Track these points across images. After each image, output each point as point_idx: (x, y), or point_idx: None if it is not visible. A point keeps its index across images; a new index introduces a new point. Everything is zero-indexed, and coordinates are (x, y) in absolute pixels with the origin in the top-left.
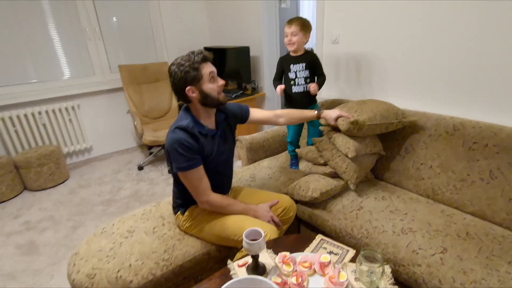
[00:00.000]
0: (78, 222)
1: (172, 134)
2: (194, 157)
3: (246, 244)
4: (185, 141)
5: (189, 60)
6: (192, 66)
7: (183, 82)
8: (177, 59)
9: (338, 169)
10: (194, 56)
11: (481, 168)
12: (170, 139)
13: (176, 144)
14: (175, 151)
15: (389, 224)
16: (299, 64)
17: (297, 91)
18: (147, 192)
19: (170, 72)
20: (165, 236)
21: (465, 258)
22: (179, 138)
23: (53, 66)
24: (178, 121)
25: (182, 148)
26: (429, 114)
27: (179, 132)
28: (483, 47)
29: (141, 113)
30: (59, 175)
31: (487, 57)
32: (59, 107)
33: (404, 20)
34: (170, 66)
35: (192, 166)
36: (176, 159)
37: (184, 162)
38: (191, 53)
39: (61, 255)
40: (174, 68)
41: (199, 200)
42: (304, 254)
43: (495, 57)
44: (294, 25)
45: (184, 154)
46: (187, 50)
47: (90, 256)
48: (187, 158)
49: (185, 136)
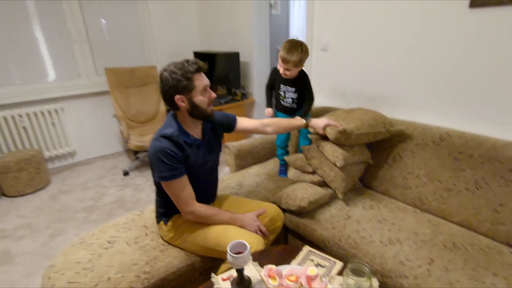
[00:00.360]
0: (57, 230)
1: (156, 142)
2: (178, 166)
3: (231, 258)
4: (169, 150)
5: (182, 69)
6: (185, 75)
7: (174, 90)
8: (169, 65)
9: (326, 177)
10: (189, 65)
11: (467, 178)
12: (153, 147)
13: (160, 152)
14: (158, 160)
15: (377, 234)
16: (289, 87)
17: (284, 105)
18: (132, 198)
19: (161, 78)
20: (148, 246)
21: (451, 269)
22: (163, 147)
23: (37, 67)
24: (163, 128)
25: (165, 157)
26: (416, 124)
27: (163, 140)
28: (470, 60)
29: (128, 117)
30: (40, 181)
31: (474, 70)
32: (41, 109)
33: (394, 30)
34: (162, 71)
35: (176, 176)
36: (159, 168)
37: (167, 172)
38: (185, 62)
39: (38, 265)
40: (166, 75)
41: (183, 210)
42: (290, 267)
43: (482, 71)
44: (290, 63)
45: (167, 163)
46: (177, 54)
47: (66, 269)
48: (171, 167)
49: (169, 144)
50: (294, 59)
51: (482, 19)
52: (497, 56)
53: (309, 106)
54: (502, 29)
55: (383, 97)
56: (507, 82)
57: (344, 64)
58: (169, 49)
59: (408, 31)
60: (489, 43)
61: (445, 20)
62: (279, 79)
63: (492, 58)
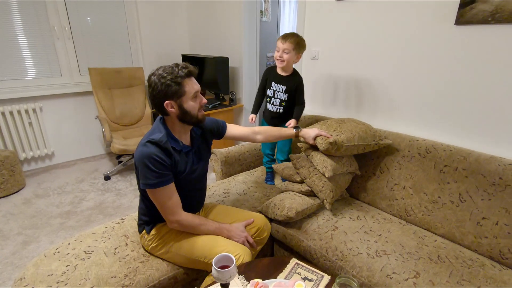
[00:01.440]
0: (30, 237)
1: (143, 147)
2: (165, 173)
3: (216, 272)
4: (156, 156)
5: (172, 73)
6: (175, 80)
7: (163, 95)
8: (158, 69)
9: (315, 187)
10: (178, 69)
11: (451, 191)
12: (140, 153)
13: (147, 159)
14: (145, 167)
15: (364, 246)
16: (280, 85)
17: (270, 109)
18: (113, 204)
19: (149, 82)
20: (128, 257)
21: (437, 283)
22: (149, 153)
23: (15, 64)
24: (151, 133)
25: (153, 164)
26: (402, 136)
27: (150, 146)
28: (456, 75)
29: (111, 119)
30: (13, 183)
31: (460, 85)
32: (18, 108)
33: (382, 43)
34: (150, 76)
35: (162, 184)
36: (145, 175)
37: (154, 179)
38: (175, 66)
39: (7, 276)
40: (155, 79)
41: (169, 219)
42: (277, 281)
43: (467, 85)
44: (288, 42)
45: (154, 170)
46: (165, 56)
47: (37, 282)
48: (158, 174)
49: (156, 150)
50: (292, 40)
51: (467, 36)
52: (481, 72)
53: (300, 111)
54: (486, 46)
55: (371, 107)
56: (492, 97)
57: (333, 73)
58: (157, 51)
59: (396, 45)
60: (474, 59)
61: (432, 36)
62: (272, 77)
63: (477, 73)
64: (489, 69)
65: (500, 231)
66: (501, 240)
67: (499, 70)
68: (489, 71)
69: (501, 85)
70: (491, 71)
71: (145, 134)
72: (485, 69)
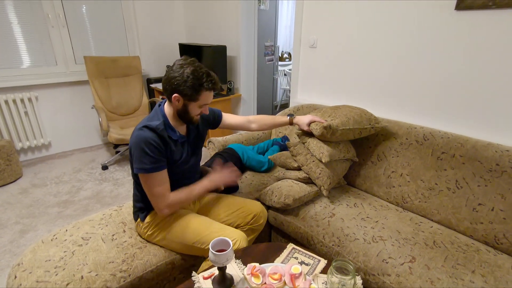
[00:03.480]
0: (27, 226)
1: (139, 131)
2: (161, 159)
3: (213, 256)
4: (153, 141)
5: (199, 79)
6: (197, 87)
7: (178, 88)
8: (192, 64)
9: (312, 174)
10: (206, 80)
11: (448, 178)
12: (137, 137)
13: (143, 143)
14: (141, 151)
15: (361, 232)
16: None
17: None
18: (110, 193)
19: (175, 67)
20: (125, 244)
21: (432, 267)
22: (146, 137)
23: (9, 51)
24: (149, 120)
25: (149, 148)
26: (401, 123)
27: (147, 131)
28: (455, 61)
29: (108, 108)
30: (10, 173)
31: (458, 71)
32: (14, 97)
33: (381, 30)
34: (182, 64)
35: (157, 169)
36: (140, 159)
37: (150, 164)
38: (206, 75)
39: (5, 263)
40: (183, 71)
41: (159, 207)
42: (274, 265)
43: (466, 72)
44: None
45: (150, 154)
46: (162, 45)
47: (35, 267)
48: (154, 159)
49: (153, 136)
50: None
51: (467, 21)
52: (481, 58)
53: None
54: (486, 32)
55: (369, 95)
56: (491, 85)
57: (331, 61)
58: (154, 40)
59: (395, 31)
60: (474, 45)
61: (431, 22)
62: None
63: (476, 59)
64: (489, 55)
65: (496, 216)
66: (496, 226)
67: (499, 57)
68: (489, 57)
69: (500, 71)
70: (490, 57)
71: (143, 119)
72: (484, 55)
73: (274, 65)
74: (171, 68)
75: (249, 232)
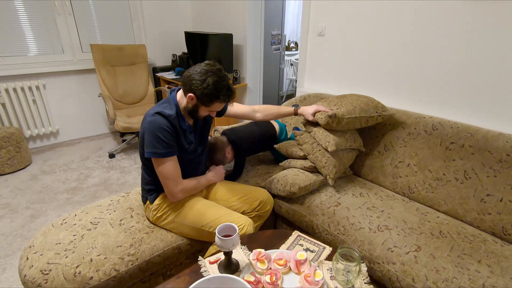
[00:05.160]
0: (38, 211)
1: (153, 117)
2: (174, 144)
3: (219, 241)
4: (167, 127)
5: (216, 89)
6: (212, 97)
7: (193, 90)
8: (211, 74)
9: (318, 163)
10: (223, 92)
11: (457, 168)
12: (150, 123)
13: (157, 128)
14: (155, 136)
15: (366, 221)
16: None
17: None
18: (118, 181)
19: (197, 72)
20: (133, 229)
21: (438, 256)
22: (160, 123)
23: (16, 40)
24: (163, 107)
25: (163, 134)
26: (409, 113)
27: (160, 118)
28: (464, 52)
29: (115, 97)
30: (20, 160)
31: (469, 61)
32: (22, 85)
33: (390, 18)
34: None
35: (170, 154)
36: (153, 144)
37: (163, 149)
38: (225, 87)
39: (16, 246)
40: (202, 78)
41: (173, 191)
42: (279, 251)
43: (477, 62)
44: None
45: (164, 140)
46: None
47: (46, 250)
48: (167, 145)
49: (166, 122)
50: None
51: (478, 8)
52: (491, 46)
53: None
54: (496, 20)
55: (377, 84)
56: (502, 73)
57: (339, 50)
58: (160, 28)
59: (404, 18)
60: (485, 33)
61: (441, 9)
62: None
63: (486, 48)
64: (500, 43)
65: (504, 207)
66: (504, 217)
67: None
68: (500, 45)
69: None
70: (501, 45)
71: (155, 105)
72: (495, 44)
73: (280, 55)
74: (195, 68)
75: (255, 219)
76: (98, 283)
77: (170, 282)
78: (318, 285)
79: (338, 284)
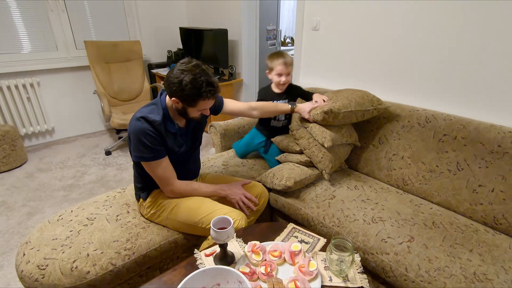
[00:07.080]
0: (34, 209)
1: (137, 121)
2: (160, 148)
3: (214, 233)
4: (151, 132)
5: (196, 88)
6: (194, 96)
7: (173, 94)
8: (187, 73)
9: (314, 158)
10: (205, 89)
11: (449, 160)
12: (134, 127)
13: (141, 134)
14: (139, 140)
15: (360, 213)
16: (282, 100)
17: (276, 125)
18: (114, 178)
19: (173, 73)
20: (129, 224)
21: (430, 246)
22: (144, 128)
23: (9, 37)
24: (149, 110)
25: (147, 139)
26: (403, 106)
27: (145, 123)
28: (456, 45)
29: (110, 94)
30: (15, 158)
31: (461, 55)
32: (16, 83)
33: (384, 12)
34: (181, 69)
35: (157, 157)
36: (139, 149)
37: (149, 153)
38: (207, 84)
39: (13, 244)
40: (178, 79)
41: (165, 190)
42: (274, 243)
43: (469, 55)
44: (290, 66)
45: (148, 145)
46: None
47: (42, 245)
48: (152, 149)
49: (151, 127)
50: (291, 62)
51: (470, 4)
52: (484, 39)
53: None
54: (490, 12)
55: (372, 78)
56: (495, 66)
57: (334, 44)
58: (154, 24)
59: (398, 12)
60: (476, 26)
61: (433, 5)
62: (270, 97)
63: (479, 41)
64: (493, 35)
65: (496, 197)
66: (496, 207)
67: (503, 37)
68: (493, 38)
69: (504, 52)
70: (494, 38)
71: (142, 107)
72: (488, 36)
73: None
74: (172, 70)
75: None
76: (95, 277)
77: (166, 275)
78: (312, 275)
79: (332, 274)
